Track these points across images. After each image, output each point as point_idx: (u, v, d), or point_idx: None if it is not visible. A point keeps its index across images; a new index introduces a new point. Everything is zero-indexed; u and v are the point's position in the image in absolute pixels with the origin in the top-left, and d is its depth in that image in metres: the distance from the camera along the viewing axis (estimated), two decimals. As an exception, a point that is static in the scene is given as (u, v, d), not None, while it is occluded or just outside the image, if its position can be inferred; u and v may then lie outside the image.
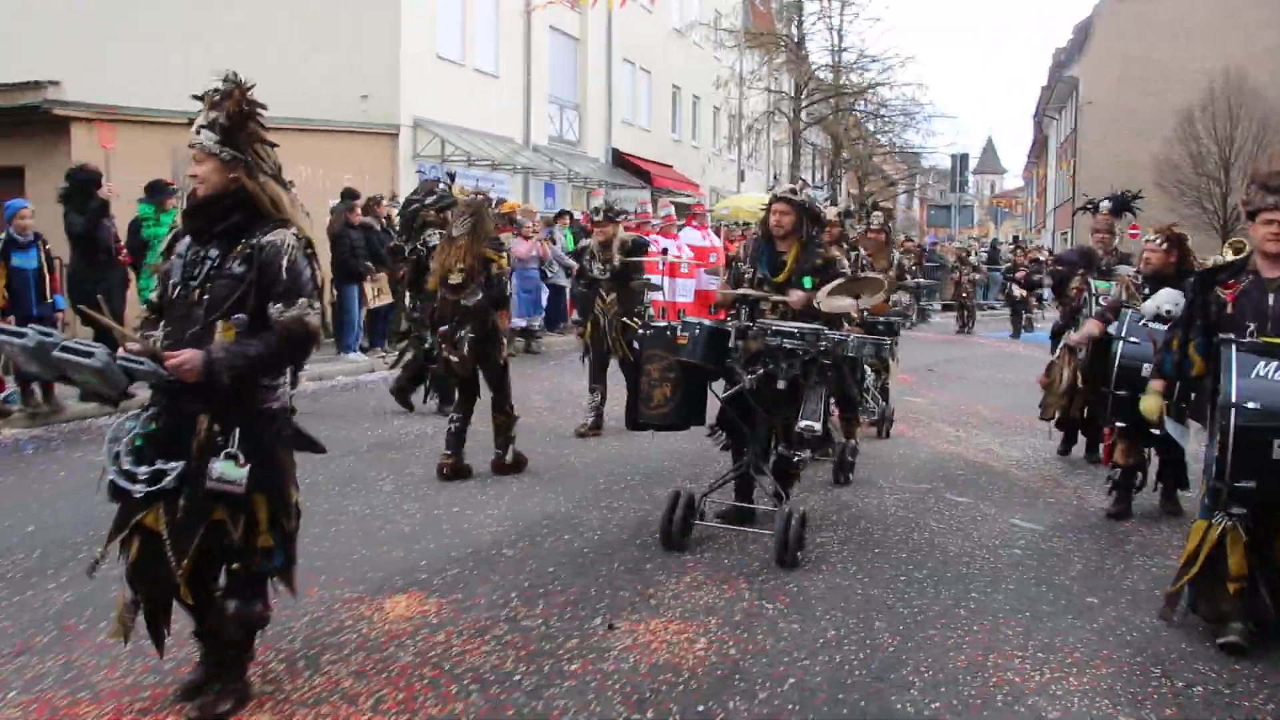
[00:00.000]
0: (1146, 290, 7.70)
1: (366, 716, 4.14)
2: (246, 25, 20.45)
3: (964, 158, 42.34)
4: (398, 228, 12.32)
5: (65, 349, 3.83)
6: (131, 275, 11.52)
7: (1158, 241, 7.72)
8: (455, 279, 8.14)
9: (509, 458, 8.45)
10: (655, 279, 12.49)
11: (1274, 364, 5.02)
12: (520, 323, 16.80)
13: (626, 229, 11.54)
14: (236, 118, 4.09)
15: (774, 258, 7.18)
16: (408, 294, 11.15)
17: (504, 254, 8.70)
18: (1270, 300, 5.24)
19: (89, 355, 3.78)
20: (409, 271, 10.70)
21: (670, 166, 33.80)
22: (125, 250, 11.06)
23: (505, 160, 23.80)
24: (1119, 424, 7.41)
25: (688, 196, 31.99)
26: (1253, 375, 4.99)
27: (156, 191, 11.18)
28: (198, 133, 4.11)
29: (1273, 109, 39.12)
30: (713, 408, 6.85)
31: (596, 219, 10.76)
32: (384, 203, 15.85)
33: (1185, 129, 41.29)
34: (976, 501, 7.89)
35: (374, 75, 20.29)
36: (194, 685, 4.21)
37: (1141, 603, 5.67)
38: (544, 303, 17.43)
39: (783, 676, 4.60)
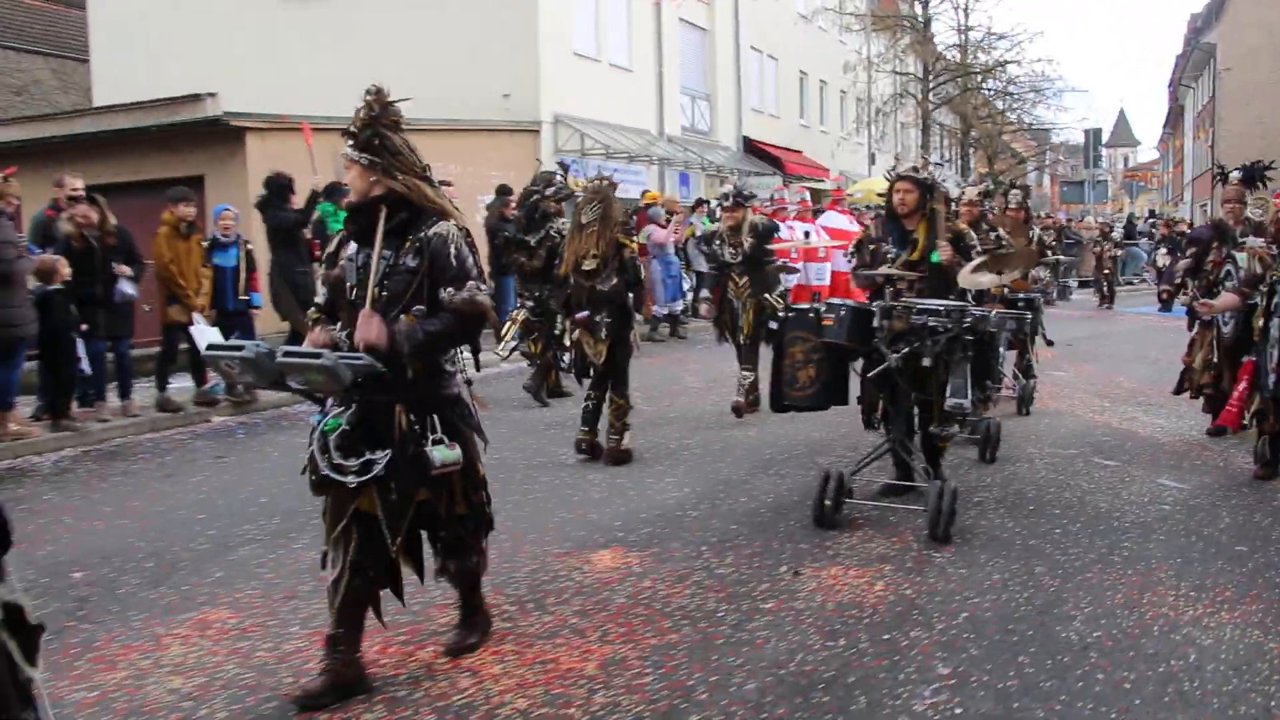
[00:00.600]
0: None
1: (596, 645, 4.81)
2: (391, 33, 21.57)
3: (1096, 133, 41.73)
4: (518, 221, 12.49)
5: (289, 354, 4.22)
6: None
7: None
8: (589, 265, 8.29)
9: (624, 443, 8.55)
10: (790, 263, 13.05)
11: None
12: (663, 310, 17.50)
13: (760, 214, 11.88)
14: (367, 125, 4.37)
15: (903, 235, 7.30)
16: (536, 284, 11.10)
17: (634, 239, 8.82)
18: None
19: (316, 357, 4.11)
20: (542, 260, 10.72)
21: (800, 152, 34.18)
22: (317, 245, 12.01)
23: (641, 152, 24.50)
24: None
25: (818, 182, 32.34)
26: None
27: (334, 192, 12.09)
28: (346, 144, 4.44)
29: None
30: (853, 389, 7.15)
31: (725, 204, 10.86)
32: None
33: None
34: (1124, 465, 8.29)
35: (514, 75, 21.18)
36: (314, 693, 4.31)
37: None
38: (686, 289, 18.06)
39: (956, 611, 5.16)
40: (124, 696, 4.34)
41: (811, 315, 7.09)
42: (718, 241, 10.70)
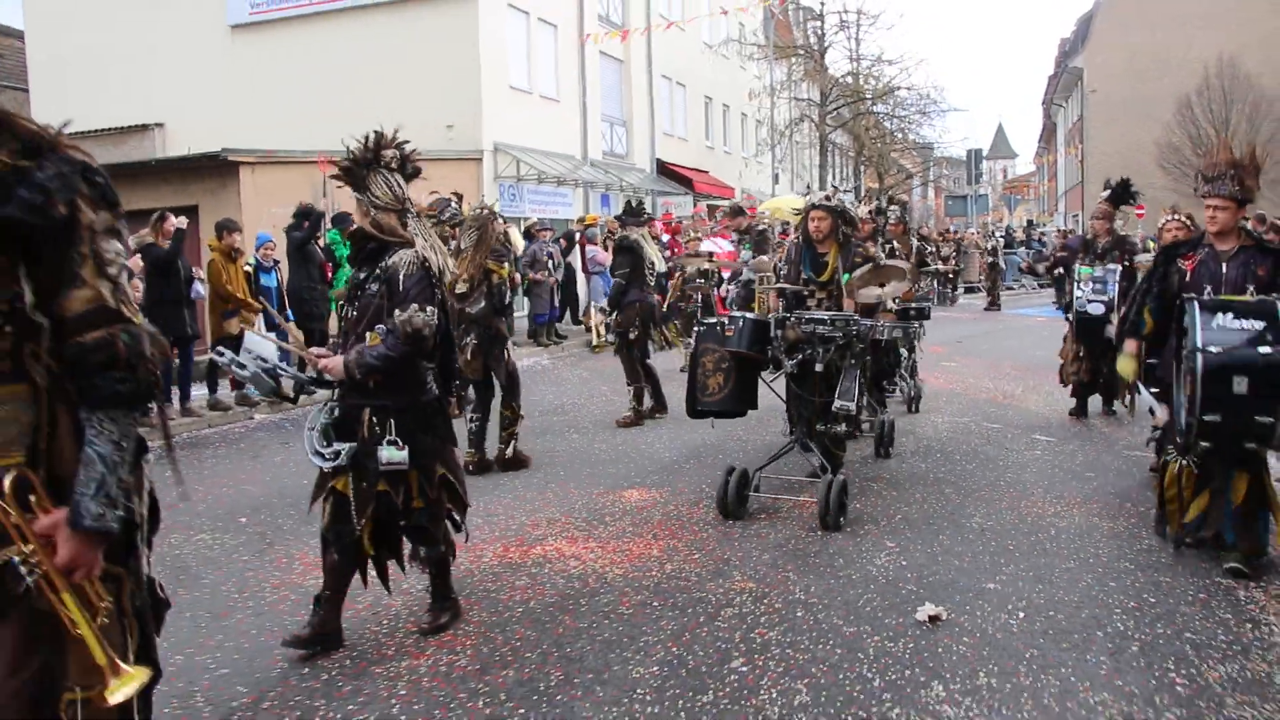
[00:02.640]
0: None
1: (652, 540, 6.90)
2: (341, 69, 23.34)
3: (978, 152, 45.06)
4: None
5: (233, 361, 5.32)
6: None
7: (1179, 218, 8.67)
8: (461, 288, 8.65)
9: (509, 452, 9.13)
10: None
11: (1229, 316, 5.88)
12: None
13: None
14: (351, 167, 5.03)
15: (816, 259, 8.09)
16: None
17: (504, 265, 9.27)
18: (1223, 268, 6.23)
19: (243, 368, 5.23)
20: None
21: (707, 172, 36.58)
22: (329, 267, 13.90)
23: (568, 175, 26.62)
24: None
25: (722, 200, 34.75)
26: (1213, 326, 5.86)
27: (341, 221, 13.98)
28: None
29: (1263, 94, 41.45)
30: (764, 395, 7.92)
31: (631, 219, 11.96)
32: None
33: (1184, 114, 43.31)
34: (1006, 426, 10.70)
35: (458, 107, 23.08)
36: (299, 638, 5.03)
37: (1122, 474, 8.49)
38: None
39: (894, 514, 7.41)
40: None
41: (718, 328, 7.73)
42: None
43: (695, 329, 8.10)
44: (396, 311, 4.87)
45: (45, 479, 2.61)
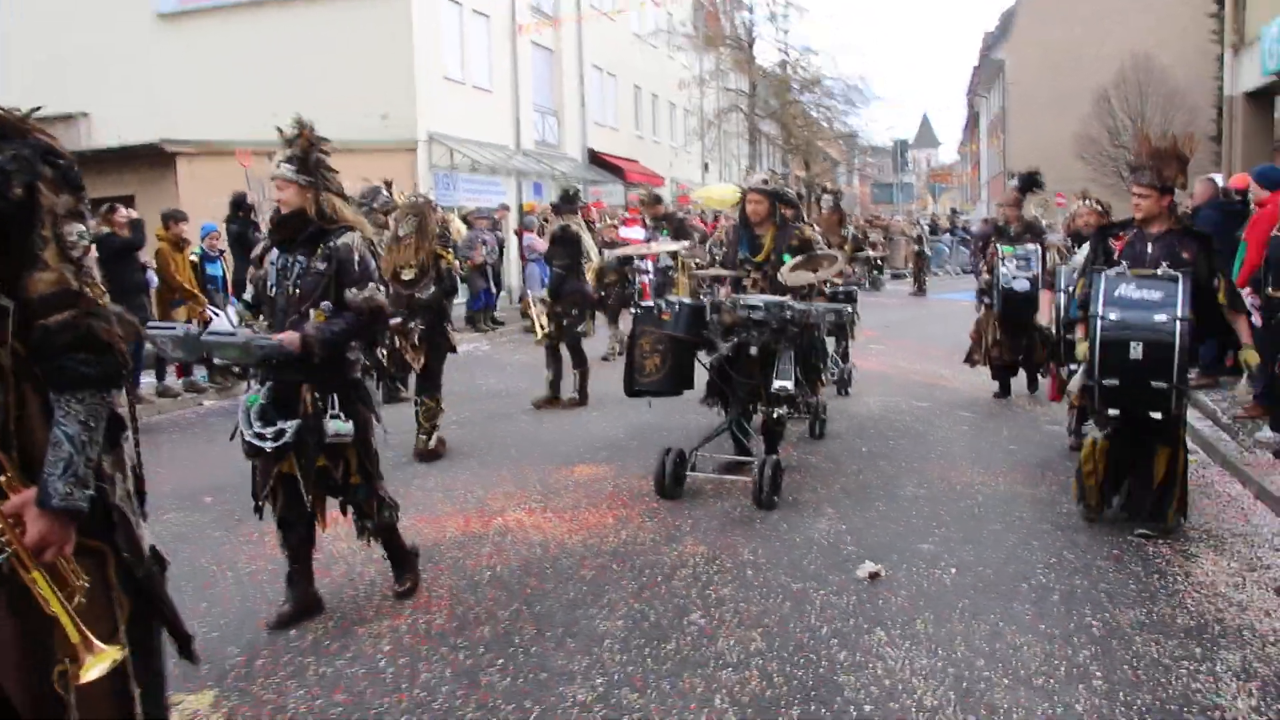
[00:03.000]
0: (1077, 248, 8.54)
1: (606, 510, 7.26)
2: (275, 58, 23.30)
3: (903, 143, 45.98)
4: None
5: (211, 334, 5.18)
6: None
7: (1090, 204, 9.00)
8: (408, 275, 8.67)
9: (432, 443, 9.08)
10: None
11: (1132, 285, 6.19)
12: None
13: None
14: (306, 151, 5.10)
15: (753, 241, 8.25)
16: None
17: (450, 250, 9.31)
18: (1150, 248, 6.42)
19: (232, 335, 5.10)
20: None
21: (637, 161, 36.93)
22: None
23: (502, 165, 26.84)
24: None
25: (650, 189, 35.16)
26: (1115, 295, 6.20)
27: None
28: (278, 165, 5.10)
29: (1175, 88, 42.63)
30: (700, 376, 8.12)
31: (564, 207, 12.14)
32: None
33: (1101, 106, 44.30)
34: (933, 404, 11.23)
35: (392, 97, 23.18)
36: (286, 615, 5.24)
37: (1043, 446, 9.04)
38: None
39: (831, 483, 7.86)
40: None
41: (655, 311, 7.87)
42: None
43: (633, 312, 8.32)
44: (353, 290, 5.08)
45: (18, 461, 2.63)
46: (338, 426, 5.08)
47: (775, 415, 7.91)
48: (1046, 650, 4.77)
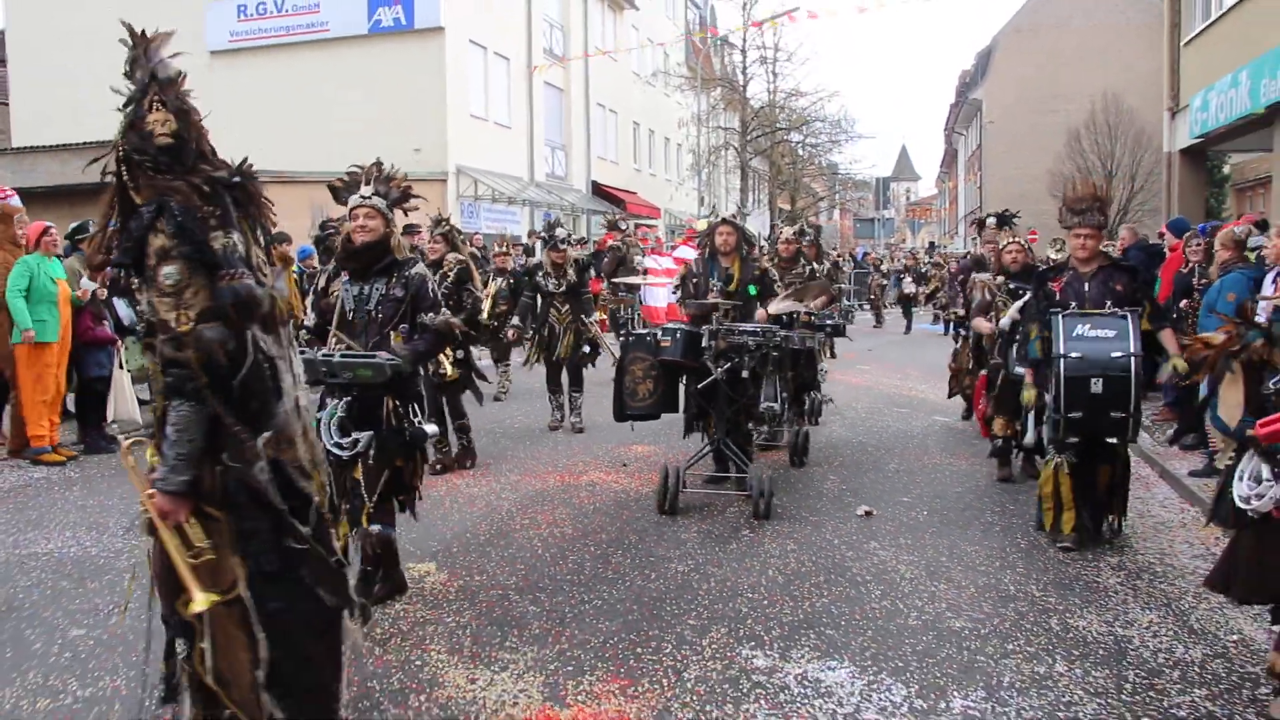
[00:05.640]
0: (1010, 285, 8.98)
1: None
2: (318, 96, 25.67)
3: (884, 180, 48.50)
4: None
5: (345, 355, 5.47)
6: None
7: (1019, 242, 9.43)
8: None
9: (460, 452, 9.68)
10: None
11: (1087, 326, 6.70)
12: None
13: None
14: (399, 190, 5.69)
15: (721, 271, 8.81)
16: None
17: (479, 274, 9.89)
18: (1086, 287, 6.97)
19: (372, 357, 5.43)
20: None
21: (635, 193, 39.37)
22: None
23: (518, 195, 29.22)
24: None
25: (651, 221, 37.55)
26: (1074, 335, 6.69)
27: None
28: (368, 196, 5.57)
29: (1143, 128, 45.13)
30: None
31: (550, 244, 12.01)
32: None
33: (1073, 145, 46.14)
34: (911, 410, 13.55)
35: (425, 133, 25.59)
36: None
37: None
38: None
39: (832, 458, 10.14)
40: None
41: (649, 339, 8.35)
42: (541, 274, 11.80)
43: (622, 339, 8.85)
44: (430, 315, 5.60)
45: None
46: (431, 429, 5.73)
47: (759, 435, 8.95)
48: (987, 554, 7.05)
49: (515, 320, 12.00)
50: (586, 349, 11.81)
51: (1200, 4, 20.28)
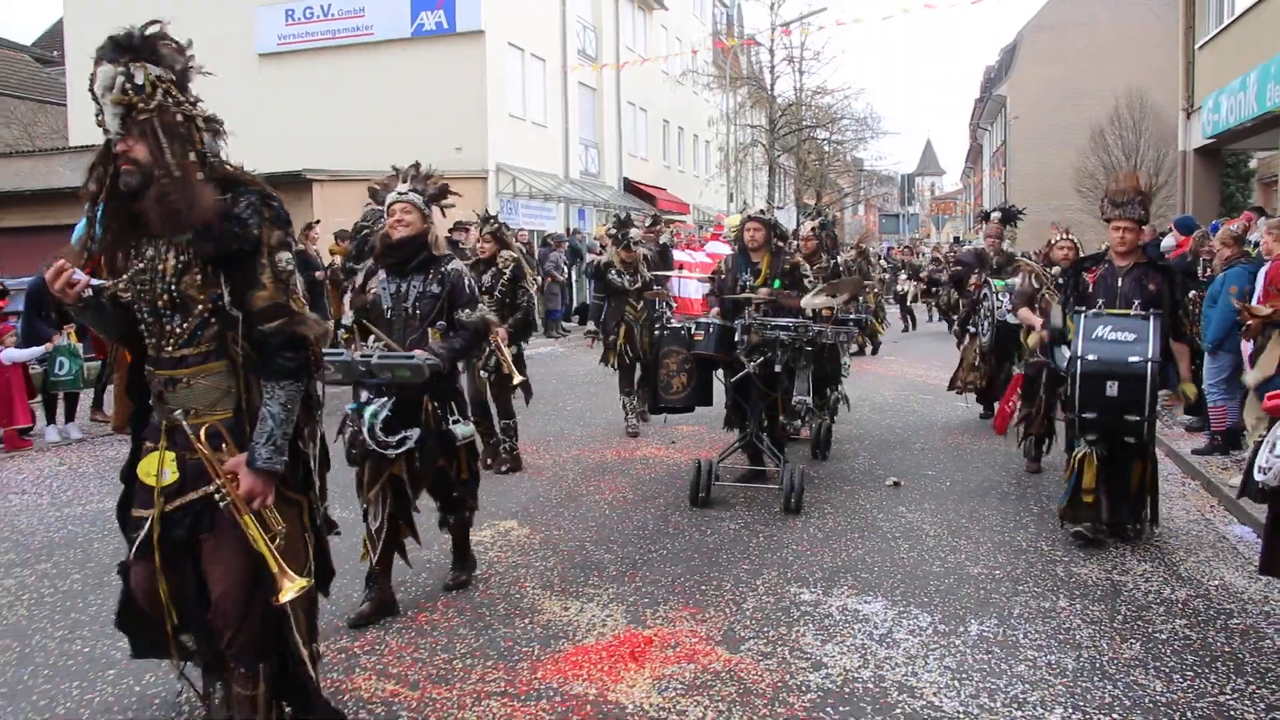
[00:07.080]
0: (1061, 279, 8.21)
1: (708, 450, 10.39)
2: (364, 97, 26.67)
3: (909, 177, 49.16)
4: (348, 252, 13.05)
5: (384, 356, 5.32)
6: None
7: (1070, 239, 9.68)
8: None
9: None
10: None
11: (1109, 327, 6.65)
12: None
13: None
14: (437, 188, 5.66)
15: (751, 267, 8.80)
16: None
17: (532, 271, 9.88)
18: (1120, 282, 6.89)
19: (410, 357, 5.29)
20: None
21: (665, 190, 40.26)
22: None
23: (553, 192, 30.16)
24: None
25: (679, 216, 38.43)
26: (1093, 337, 6.69)
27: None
28: (407, 192, 5.50)
29: (1168, 124, 45.48)
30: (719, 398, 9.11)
31: (620, 240, 11.47)
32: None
33: (1098, 141, 46.03)
34: (936, 396, 14.39)
35: (466, 132, 26.53)
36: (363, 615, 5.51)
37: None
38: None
39: (862, 439, 11.04)
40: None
41: (683, 333, 8.40)
42: (613, 271, 11.36)
43: (657, 334, 8.90)
44: (465, 311, 5.55)
45: (246, 429, 3.37)
46: (464, 430, 5.72)
47: (790, 427, 8.99)
48: (1003, 517, 7.95)
49: (591, 325, 11.69)
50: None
51: (1213, 9, 21.06)
